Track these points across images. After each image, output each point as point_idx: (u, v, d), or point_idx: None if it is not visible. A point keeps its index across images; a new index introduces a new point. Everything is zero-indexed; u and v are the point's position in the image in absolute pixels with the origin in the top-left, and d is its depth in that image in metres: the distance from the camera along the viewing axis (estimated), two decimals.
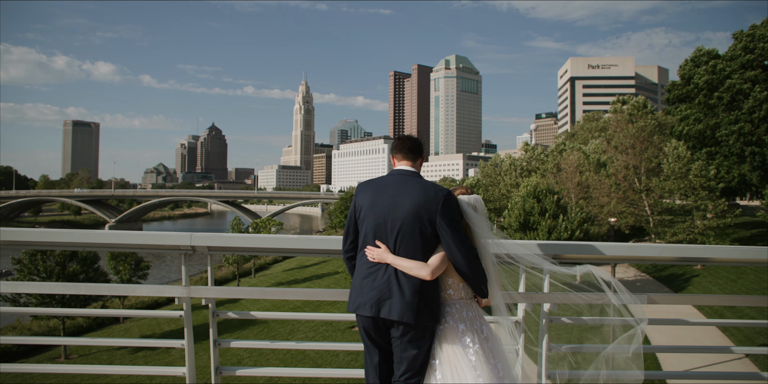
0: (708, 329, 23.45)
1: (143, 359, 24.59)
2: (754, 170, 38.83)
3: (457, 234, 2.77)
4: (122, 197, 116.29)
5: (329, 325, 27.27)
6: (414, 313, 2.70)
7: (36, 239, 3.30)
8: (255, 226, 51.01)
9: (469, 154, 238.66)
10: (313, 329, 27.01)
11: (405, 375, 2.77)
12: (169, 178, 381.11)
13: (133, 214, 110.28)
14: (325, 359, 22.07)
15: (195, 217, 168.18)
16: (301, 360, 22.03)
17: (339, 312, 19.85)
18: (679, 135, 41.47)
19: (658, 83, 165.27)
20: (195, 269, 53.32)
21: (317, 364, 22.04)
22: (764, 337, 22.35)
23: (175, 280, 47.23)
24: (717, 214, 34.59)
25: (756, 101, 37.44)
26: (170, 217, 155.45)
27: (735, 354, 20.01)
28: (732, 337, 22.74)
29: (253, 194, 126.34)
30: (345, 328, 26.79)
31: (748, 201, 59.45)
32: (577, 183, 38.61)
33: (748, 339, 22.38)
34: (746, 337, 22.52)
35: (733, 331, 23.05)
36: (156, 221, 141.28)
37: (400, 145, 3.06)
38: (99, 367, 3.38)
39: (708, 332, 23.06)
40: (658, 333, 22.91)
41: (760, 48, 38.44)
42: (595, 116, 72.73)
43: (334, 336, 26.01)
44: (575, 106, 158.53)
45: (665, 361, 19.20)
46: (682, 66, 43.08)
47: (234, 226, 49.33)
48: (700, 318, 24.56)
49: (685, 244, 33.97)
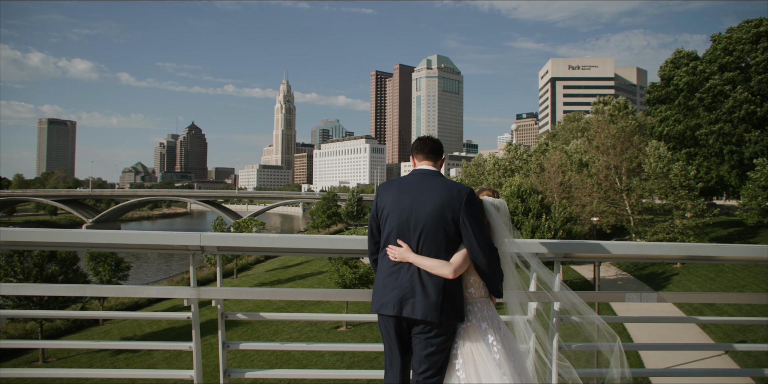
0: (688, 326, 23.84)
1: (124, 362, 24.21)
2: (733, 169, 39.64)
3: (480, 232, 2.78)
4: (100, 197, 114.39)
5: (314, 326, 27.14)
6: (438, 312, 2.70)
7: (38, 240, 3.20)
8: (237, 226, 50.57)
9: (451, 154, 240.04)
10: (297, 330, 26.85)
11: (425, 373, 2.75)
12: (147, 178, 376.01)
13: (111, 214, 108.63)
14: (310, 360, 21.96)
15: (174, 217, 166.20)
16: (285, 361, 21.88)
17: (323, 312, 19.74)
18: (660, 135, 42.15)
19: (637, 84, 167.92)
20: (175, 270, 52.73)
21: (303, 365, 21.91)
22: (742, 333, 22.81)
23: (159, 280, 46.65)
24: (696, 213, 35.22)
25: (736, 102, 38.23)
26: (149, 217, 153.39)
27: (715, 351, 20.45)
28: (711, 334, 23.16)
29: (234, 194, 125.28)
30: (330, 328, 26.69)
31: (725, 200, 60.69)
32: (560, 182, 38.99)
33: (727, 336, 22.81)
34: (725, 334, 22.94)
35: (712, 328, 23.48)
36: (134, 221, 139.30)
37: (421, 146, 3.06)
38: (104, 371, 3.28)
39: (688, 329, 23.44)
40: (641, 331, 23.26)
41: (739, 50, 39.27)
42: (576, 117, 73.48)
43: (319, 336, 25.91)
44: (556, 106, 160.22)
45: (648, 358, 19.50)
46: (662, 67, 43.77)
47: (216, 226, 48.85)
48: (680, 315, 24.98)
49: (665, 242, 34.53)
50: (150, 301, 35.53)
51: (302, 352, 22.77)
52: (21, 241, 3.19)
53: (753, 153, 38.26)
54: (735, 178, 39.76)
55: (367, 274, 28.50)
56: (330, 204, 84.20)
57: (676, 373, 4.66)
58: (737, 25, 40.87)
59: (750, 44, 39.40)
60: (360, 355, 21.66)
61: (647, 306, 26.76)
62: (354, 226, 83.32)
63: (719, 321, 3.66)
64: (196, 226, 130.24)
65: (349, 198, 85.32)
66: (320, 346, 3.04)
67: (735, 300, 3.71)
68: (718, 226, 42.04)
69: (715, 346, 9.78)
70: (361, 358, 21.48)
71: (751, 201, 33.76)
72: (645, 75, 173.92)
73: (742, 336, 22.53)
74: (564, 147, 47.92)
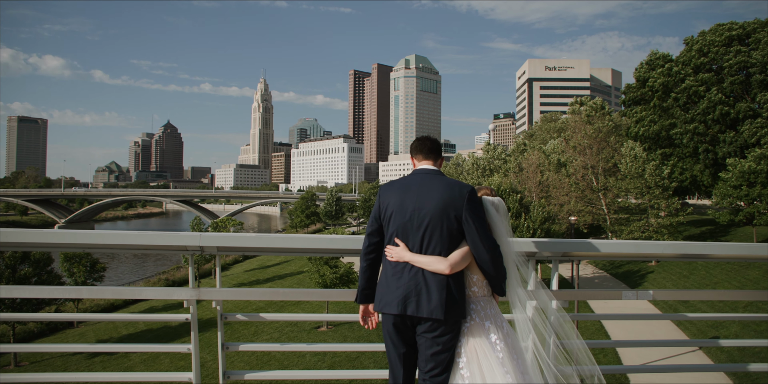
0: (664, 323, 24.34)
1: (100, 365, 23.78)
2: (706, 169, 40.59)
3: (482, 230, 2.81)
4: (73, 196, 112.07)
5: (294, 326, 27.00)
6: (443, 309, 2.72)
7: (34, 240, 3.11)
8: (215, 226, 49.96)
9: None
10: (277, 330, 26.69)
11: (431, 372, 2.76)
12: (122, 177, 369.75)
13: (84, 214, 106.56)
14: (291, 360, 21.85)
15: (149, 217, 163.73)
16: (267, 362, 21.72)
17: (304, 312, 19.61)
18: (636, 136, 42.93)
19: (612, 85, 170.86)
20: (150, 270, 51.94)
21: (283, 365, 21.80)
22: (715, 330, 23.35)
23: (135, 280, 45.90)
24: (670, 212, 35.96)
25: (711, 103, 39.15)
26: (123, 217, 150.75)
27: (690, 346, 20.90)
28: (686, 330, 23.69)
29: (211, 193, 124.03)
30: (310, 328, 26.60)
31: (697, 200, 62.08)
32: (539, 182, 39.45)
33: (701, 332, 23.34)
34: (699, 330, 23.48)
35: (687, 325, 24.00)
36: (109, 221, 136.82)
37: (420, 146, 3.09)
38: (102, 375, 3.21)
39: (664, 326, 23.93)
40: (618, 328, 23.67)
41: (714, 52, 40.22)
42: (553, 117, 74.51)
43: (300, 336, 25.78)
44: (533, 106, 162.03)
45: (625, 355, 19.87)
46: (637, 69, 44.57)
47: (194, 226, 48.21)
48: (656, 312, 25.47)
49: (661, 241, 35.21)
50: (126, 303, 34.91)
51: (282, 353, 22.61)
52: (20, 242, 3.11)
53: (726, 153, 39.23)
54: (708, 178, 40.72)
55: (348, 274, 28.46)
56: (309, 203, 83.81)
57: (653, 369, 4.75)
58: (710, 28, 41.94)
59: (723, 47, 40.40)
60: (341, 355, 21.63)
61: (624, 303, 27.22)
62: (333, 225, 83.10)
63: (694, 317, 3.73)
64: (172, 226, 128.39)
65: (327, 197, 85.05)
66: (321, 346, 3.00)
67: (729, 296, 3.79)
68: (691, 224, 42.98)
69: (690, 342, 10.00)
70: (342, 357, 21.45)
71: (723, 200, 34.54)
72: (620, 76, 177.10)
73: (715, 332, 23.07)
74: (542, 147, 48.51)
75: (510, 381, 2.67)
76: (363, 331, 25.60)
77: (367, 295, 2.98)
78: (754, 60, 38.61)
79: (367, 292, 2.98)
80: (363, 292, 2.99)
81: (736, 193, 33.06)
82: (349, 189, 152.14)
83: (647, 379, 16.43)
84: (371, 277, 2.97)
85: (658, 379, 16.03)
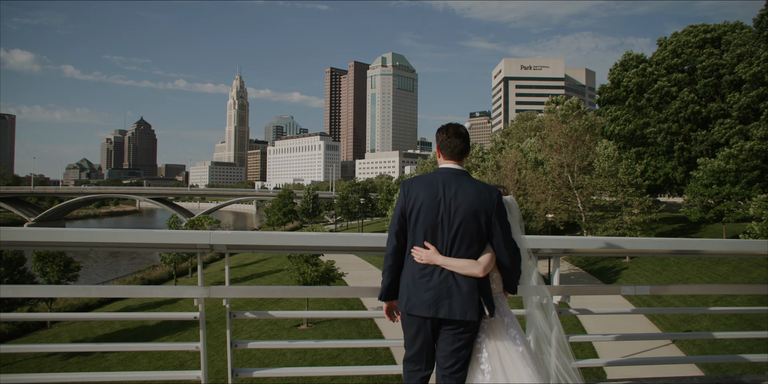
0: (638, 318, 24.88)
1: (76, 366, 23.37)
2: (679, 166, 41.59)
3: (507, 232, 2.87)
4: (43, 194, 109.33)
5: (274, 324, 26.88)
6: (476, 311, 2.77)
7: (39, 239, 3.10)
8: (191, 224, 49.39)
9: (405, 152, 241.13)
10: (257, 328, 26.55)
11: (452, 368, 2.82)
12: (93, 175, 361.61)
13: (55, 212, 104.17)
14: (272, 359, 21.78)
15: (122, 215, 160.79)
16: (247, 360, 21.60)
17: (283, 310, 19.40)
18: (610, 135, 43.73)
19: (586, 85, 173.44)
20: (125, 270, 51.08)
21: (264, 364, 21.70)
22: (687, 324, 23.99)
23: (109, 280, 45.07)
24: (643, 210, 36.74)
25: (683, 103, 40.10)
26: (96, 216, 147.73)
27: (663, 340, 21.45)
28: (659, 325, 24.26)
29: (187, 191, 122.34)
30: (290, 326, 26.50)
31: (668, 197, 63.44)
32: (516, 180, 39.86)
33: (674, 326, 23.94)
34: (672, 325, 24.07)
35: (660, 320, 24.59)
36: (80, 220, 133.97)
37: (452, 144, 3.02)
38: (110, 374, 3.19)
39: (638, 321, 24.46)
40: (594, 323, 24.11)
41: (687, 53, 41.18)
42: (529, 116, 75.31)
43: (279, 335, 25.68)
44: (509, 105, 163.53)
45: (601, 349, 20.30)
46: (612, 69, 45.38)
47: (171, 224, 47.54)
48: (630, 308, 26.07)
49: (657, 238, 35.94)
50: (101, 302, 34.30)
51: (261, 350, 22.50)
52: (24, 241, 3.08)
53: (698, 152, 40.26)
54: (680, 176, 41.74)
55: (328, 272, 28.44)
56: (286, 201, 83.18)
57: (628, 362, 4.90)
58: (683, 29, 42.92)
59: (697, 48, 41.43)
60: (322, 353, 21.65)
61: (600, 299, 27.72)
62: (310, 223, 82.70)
63: (667, 311, 3.89)
64: (147, 225, 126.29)
65: (304, 195, 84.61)
66: (329, 343, 3.03)
67: (735, 291, 3.95)
68: (663, 221, 43.97)
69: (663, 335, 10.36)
70: (323, 355, 21.49)
71: (694, 198, 35.45)
72: (593, 76, 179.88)
73: (687, 326, 23.70)
74: (519, 145, 49.02)
75: (531, 373, 2.76)
76: (343, 329, 25.63)
77: (390, 293, 2.97)
78: (724, 61, 39.68)
79: (392, 290, 2.96)
80: (387, 290, 2.97)
81: (707, 192, 33.96)
82: (326, 187, 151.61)
83: (623, 372, 16.82)
84: (396, 276, 2.95)
85: (634, 372, 16.42)
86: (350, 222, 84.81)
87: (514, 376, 2.76)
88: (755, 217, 26.82)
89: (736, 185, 33.25)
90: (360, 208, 76.22)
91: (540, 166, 43.33)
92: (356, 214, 79.07)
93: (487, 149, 53.44)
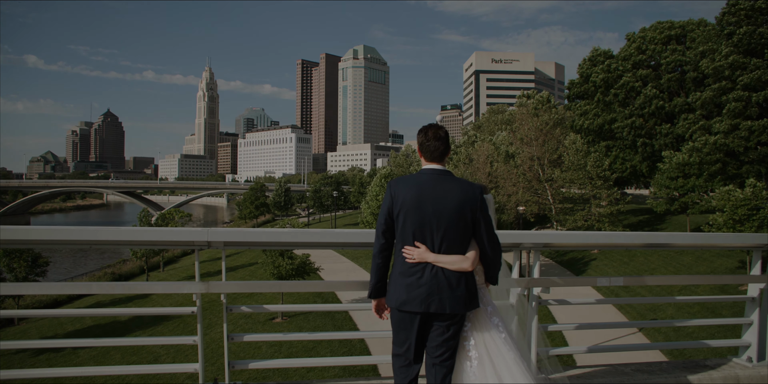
0: (606, 307, 25.61)
1: (46, 362, 23.02)
2: (645, 160, 42.70)
3: (491, 228, 3.05)
4: (5, 188, 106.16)
5: (249, 318, 26.83)
6: (465, 304, 2.94)
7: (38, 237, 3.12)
8: (162, 218, 48.66)
9: (377, 144, 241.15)
10: (232, 322, 26.45)
11: (442, 357, 2.98)
12: (59, 168, 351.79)
13: (18, 206, 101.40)
14: (247, 352, 21.79)
15: (89, 208, 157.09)
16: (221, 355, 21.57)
17: (257, 304, 19.24)
18: (580, 129, 44.58)
19: (555, 79, 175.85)
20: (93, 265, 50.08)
21: (239, 357, 21.67)
22: (653, 313, 24.81)
23: (76, 276, 44.13)
24: (611, 202, 37.66)
25: (646, 98, 41.09)
26: (62, 210, 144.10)
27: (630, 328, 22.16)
28: (627, 314, 25.03)
29: (156, 184, 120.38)
30: (265, 320, 26.49)
31: (635, 189, 65.06)
32: (488, 173, 40.35)
33: (641, 315, 24.74)
34: (638, 314, 24.86)
35: (627, 309, 25.37)
36: (46, 214, 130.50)
37: (432, 149, 3.11)
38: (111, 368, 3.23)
39: (606, 310, 25.18)
40: (563, 313, 24.71)
41: (651, 49, 42.14)
42: (500, 109, 76.06)
43: (255, 328, 25.65)
44: (480, 98, 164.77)
45: (570, 338, 20.88)
46: (581, 65, 46.19)
47: (142, 218, 46.71)
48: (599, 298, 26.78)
49: (583, 230, 36.83)
50: (70, 298, 33.63)
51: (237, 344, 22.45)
52: (23, 239, 3.10)
53: (662, 145, 41.35)
54: (646, 169, 42.85)
55: (303, 266, 28.49)
56: (258, 194, 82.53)
57: (597, 349, 5.17)
58: (650, 25, 43.91)
59: (662, 45, 42.45)
60: (297, 346, 21.74)
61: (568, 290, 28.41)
62: (282, 216, 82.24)
63: (636, 301, 4.15)
64: (115, 218, 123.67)
65: (276, 188, 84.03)
66: (322, 335, 3.12)
67: (696, 281, 4.20)
68: (630, 213, 45.15)
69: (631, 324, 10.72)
70: (299, 348, 21.58)
71: (660, 190, 36.42)
72: (563, 70, 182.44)
73: (653, 315, 24.51)
74: (491, 138, 49.58)
75: (514, 357, 2.95)
76: (318, 322, 25.75)
77: (378, 291, 3.09)
78: (687, 58, 40.75)
79: (380, 287, 3.09)
80: (376, 288, 3.09)
81: (673, 184, 34.93)
82: (298, 179, 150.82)
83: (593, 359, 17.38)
84: (384, 274, 3.08)
85: (603, 359, 16.97)
86: (323, 215, 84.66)
87: (500, 361, 2.94)
88: (718, 208, 27.73)
89: (700, 178, 34.28)
90: (333, 200, 76.15)
91: (511, 159, 43.95)
92: (329, 207, 78.95)
93: (459, 142, 53.87)
